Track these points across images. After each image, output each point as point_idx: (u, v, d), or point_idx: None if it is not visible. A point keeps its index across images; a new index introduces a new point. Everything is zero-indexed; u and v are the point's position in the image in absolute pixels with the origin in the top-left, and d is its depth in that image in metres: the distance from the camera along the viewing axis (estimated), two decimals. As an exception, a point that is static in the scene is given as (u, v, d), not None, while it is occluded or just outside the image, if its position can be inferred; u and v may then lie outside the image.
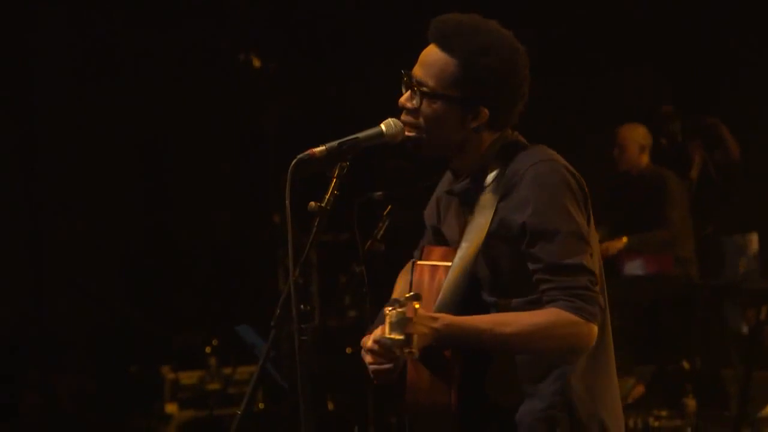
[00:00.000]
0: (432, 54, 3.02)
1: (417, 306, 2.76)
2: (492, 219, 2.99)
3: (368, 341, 2.95)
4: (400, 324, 2.75)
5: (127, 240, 9.12)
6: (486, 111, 3.01)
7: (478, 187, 3.05)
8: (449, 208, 3.20)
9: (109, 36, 8.62)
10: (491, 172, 3.04)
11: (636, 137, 7.99)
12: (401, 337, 2.74)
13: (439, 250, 3.14)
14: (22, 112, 8.58)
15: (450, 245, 3.14)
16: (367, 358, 2.96)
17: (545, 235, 2.92)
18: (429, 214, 3.31)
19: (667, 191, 7.82)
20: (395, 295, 3.31)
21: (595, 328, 2.92)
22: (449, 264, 3.00)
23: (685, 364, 7.72)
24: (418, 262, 3.04)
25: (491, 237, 2.99)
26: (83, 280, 8.66)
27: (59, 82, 8.62)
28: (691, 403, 7.39)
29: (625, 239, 7.77)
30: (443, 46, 3.00)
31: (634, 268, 7.77)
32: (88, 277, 8.74)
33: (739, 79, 8.30)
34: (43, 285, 8.77)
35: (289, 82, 8.47)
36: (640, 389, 7.69)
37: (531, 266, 2.95)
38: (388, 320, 2.78)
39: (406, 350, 2.75)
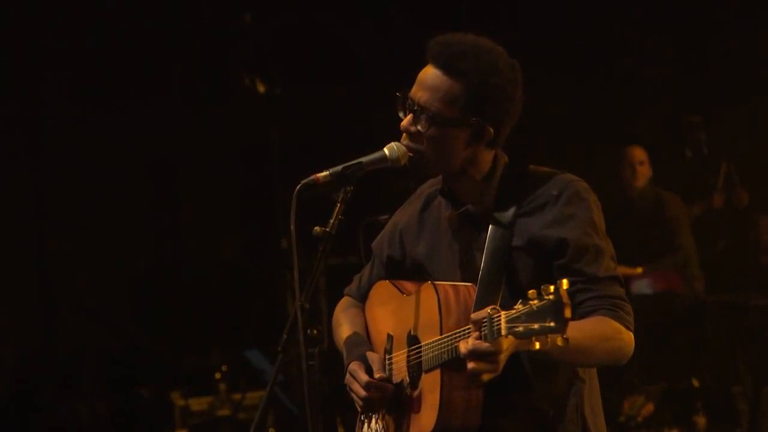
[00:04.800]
0: (435, 77, 2.99)
1: (566, 287, 2.58)
2: (513, 235, 2.99)
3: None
4: (552, 309, 2.55)
5: (136, 266, 9.12)
6: (491, 130, 3.01)
7: (490, 208, 3.04)
8: (421, 235, 3.19)
9: (115, 52, 8.61)
10: (510, 193, 3.03)
11: (645, 156, 7.94)
12: (553, 324, 2.55)
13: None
14: (28, 131, 8.58)
15: (427, 271, 3.14)
16: (470, 365, 2.73)
17: (590, 252, 2.95)
18: (387, 244, 3.29)
19: (673, 216, 7.79)
20: (351, 330, 3.33)
21: (633, 338, 2.96)
22: (468, 284, 2.99)
23: (695, 382, 7.70)
24: (438, 283, 2.99)
25: (514, 251, 2.99)
26: (92, 306, 8.66)
27: (67, 100, 8.62)
28: (701, 420, 7.37)
29: (639, 270, 7.73)
30: (447, 69, 2.97)
31: (642, 287, 7.75)
32: (98, 304, 8.73)
33: (739, 78, 8.29)
34: (52, 311, 8.77)
35: (296, 104, 8.46)
36: (649, 408, 7.67)
37: (570, 280, 2.89)
38: (515, 314, 2.59)
39: (561, 336, 2.54)
